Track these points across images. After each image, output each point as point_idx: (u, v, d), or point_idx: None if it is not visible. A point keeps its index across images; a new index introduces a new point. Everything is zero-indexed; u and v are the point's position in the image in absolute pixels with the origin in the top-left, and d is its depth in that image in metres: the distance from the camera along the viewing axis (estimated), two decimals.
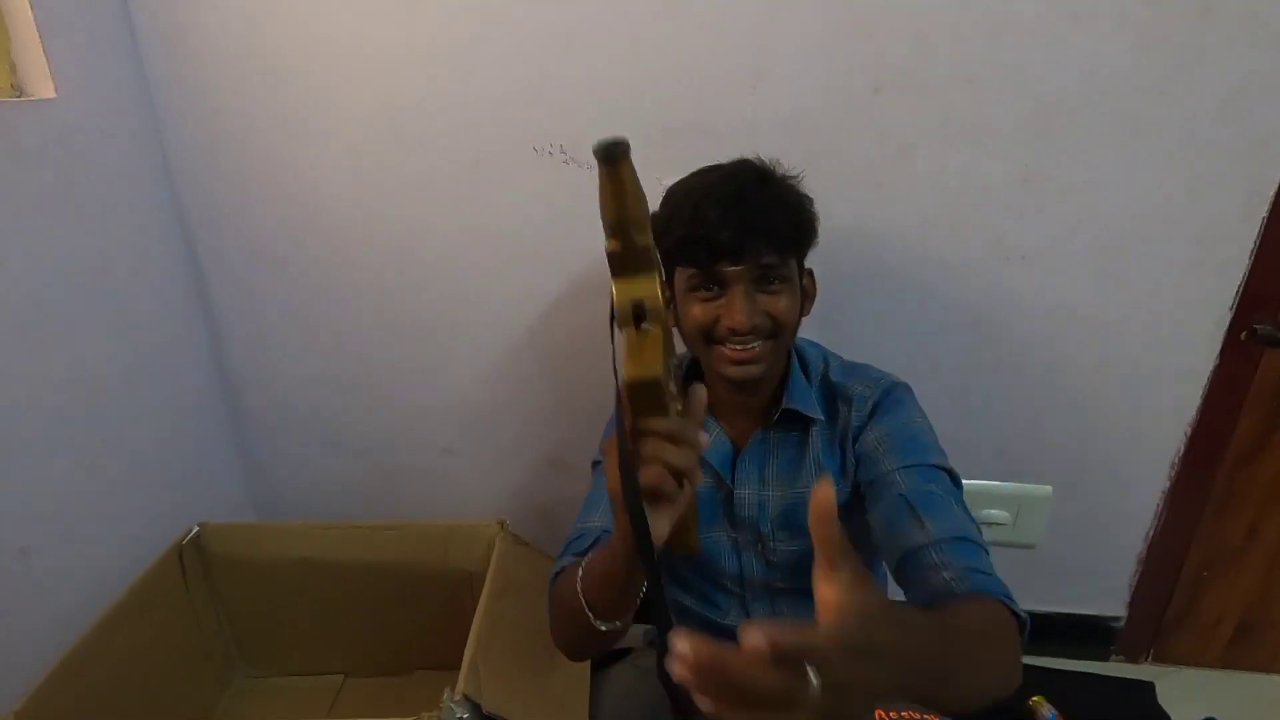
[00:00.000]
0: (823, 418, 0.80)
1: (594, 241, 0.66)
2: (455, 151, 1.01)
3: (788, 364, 0.81)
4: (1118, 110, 0.92)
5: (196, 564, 1.06)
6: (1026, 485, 1.13)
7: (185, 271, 1.10)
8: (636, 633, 1.06)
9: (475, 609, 0.89)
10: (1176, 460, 1.10)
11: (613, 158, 0.44)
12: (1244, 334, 1.01)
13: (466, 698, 0.76)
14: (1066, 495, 1.13)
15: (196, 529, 1.06)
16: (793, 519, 0.80)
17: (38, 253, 0.86)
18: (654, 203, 0.81)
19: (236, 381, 1.18)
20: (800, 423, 0.80)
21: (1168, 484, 1.11)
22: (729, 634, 0.75)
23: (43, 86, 0.87)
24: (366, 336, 1.14)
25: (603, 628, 0.60)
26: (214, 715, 1.07)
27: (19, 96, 0.87)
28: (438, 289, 1.09)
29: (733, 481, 0.81)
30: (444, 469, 1.22)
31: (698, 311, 0.74)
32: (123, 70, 0.97)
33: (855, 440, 0.78)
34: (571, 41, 0.94)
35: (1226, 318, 1.01)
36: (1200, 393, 1.06)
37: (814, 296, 0.81)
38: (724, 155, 0.94)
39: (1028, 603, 1.29)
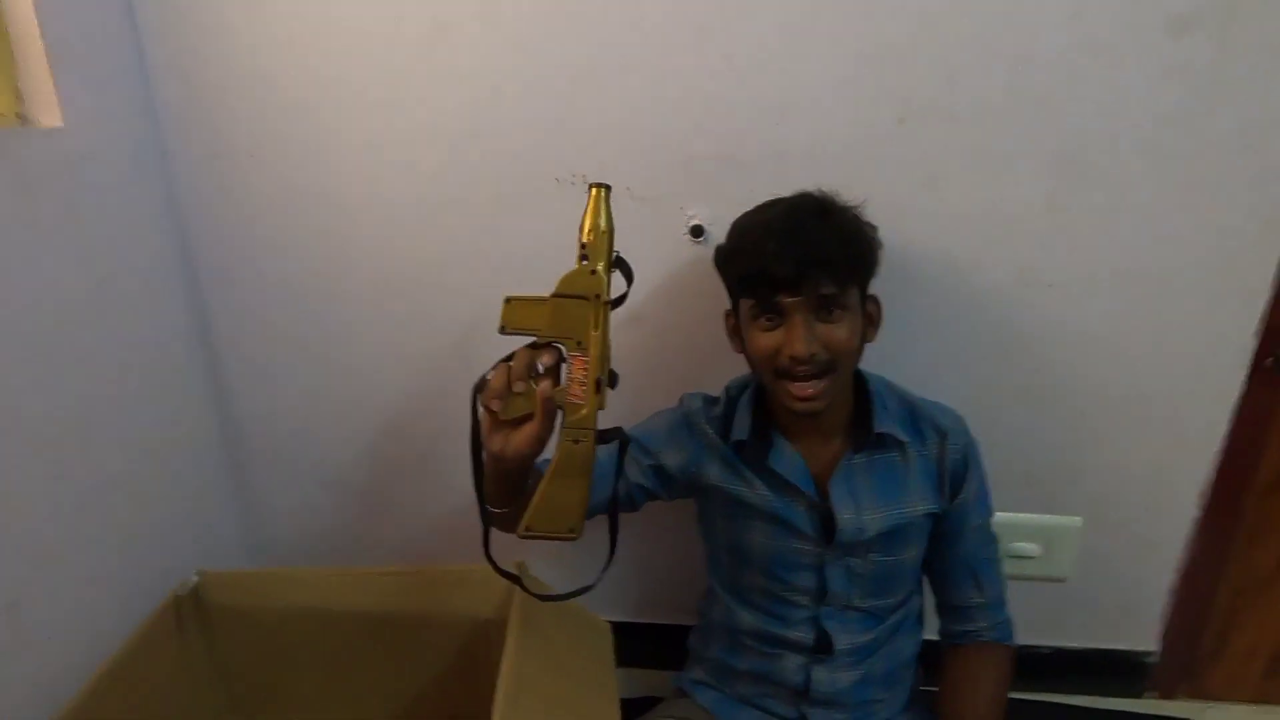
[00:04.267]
0: (910, 439, 0.84)
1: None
2: (474, 183, 0.99)
3: (865, 388, 0.84)
4: (1139, 140, 0.92)
5: (194, 615, 0.99)
6: (1056, 517, 1.11)
7: (187, 305, 1.05)
8: (666, 681, 1.01)
9: (492, 658, 0.83)
10: (1206, 489, 1.08)
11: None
12: (1269, 361, 1.01)
13: None
14: (1097, 527, 1.11)
15: (195, 578, 0.99)
16: (893, 536, 0.83)
17: (38, 286, 0.81)
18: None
19: (236, 419, 1.13)
20: (891, 445, 0.84)
21: (1197, 514, 1.10)
22: (793, 645, 0.89)
23: (50, 115, 0.84)
24: (375, 372, 1.10)
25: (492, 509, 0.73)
26: None
27: (25, 124, 0.84)
28: (452, 323, 1.06)
29: (827, 501, 0.83)
30: (455, 508, 1.17)
31: (760, 340, 0.77)
32: (131, 100, 0.94)
33: (953, 476, 0.85)
34: (595, 71, 0.93)
35: (1251, 345, 1.00)
36: (1226, 421, 1.04)
37: (879, 323, 0.84)
38: (750, 186, 0.93)
39: (1059, 639, 1.26)
